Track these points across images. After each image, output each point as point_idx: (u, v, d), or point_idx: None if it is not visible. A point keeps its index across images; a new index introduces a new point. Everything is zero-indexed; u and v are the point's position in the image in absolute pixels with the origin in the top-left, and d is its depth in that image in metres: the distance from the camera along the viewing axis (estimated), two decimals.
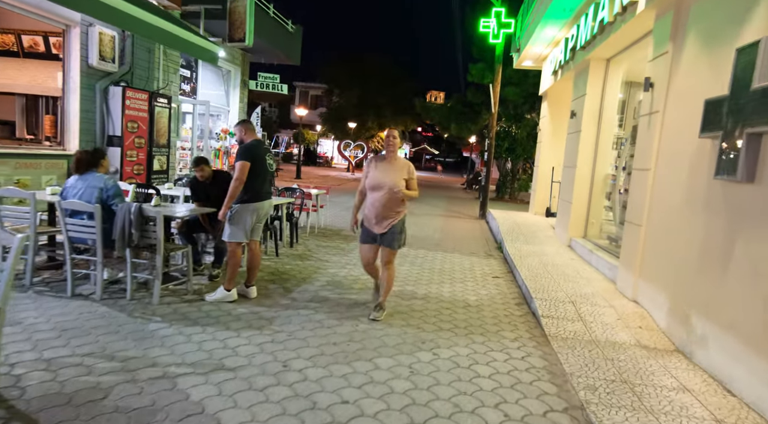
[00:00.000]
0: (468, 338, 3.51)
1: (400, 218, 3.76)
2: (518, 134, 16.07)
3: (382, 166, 3.74)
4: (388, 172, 3.69)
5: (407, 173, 3.73)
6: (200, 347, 2.94)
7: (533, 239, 7.57)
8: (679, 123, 3.98)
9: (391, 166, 3.74)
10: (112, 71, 6.85)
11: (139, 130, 7.08)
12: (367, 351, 3.12)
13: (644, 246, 4.39)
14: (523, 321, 4.03)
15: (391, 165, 3.74)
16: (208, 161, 4.60)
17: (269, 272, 4.91)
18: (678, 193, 3.84)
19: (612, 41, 5.93)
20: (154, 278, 3.58)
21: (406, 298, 4.41)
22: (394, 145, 3.76)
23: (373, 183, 3.69)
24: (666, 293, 3.86)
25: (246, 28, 7.72)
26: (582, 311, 4.15)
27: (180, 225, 4.48)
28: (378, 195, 3.67)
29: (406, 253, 6.48)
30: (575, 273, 5.48)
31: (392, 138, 3.75)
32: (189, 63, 9.46)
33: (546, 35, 8.46)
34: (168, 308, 3.58)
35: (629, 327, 3.87)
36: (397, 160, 3.77)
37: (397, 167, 3.73)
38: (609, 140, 6.94)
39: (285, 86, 12.05)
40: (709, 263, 3.28)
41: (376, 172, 3.72)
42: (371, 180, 3.71)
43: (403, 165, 3.76)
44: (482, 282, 5.25)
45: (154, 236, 3.52)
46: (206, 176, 4.50)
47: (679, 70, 4.09)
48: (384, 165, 3.75)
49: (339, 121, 31.09)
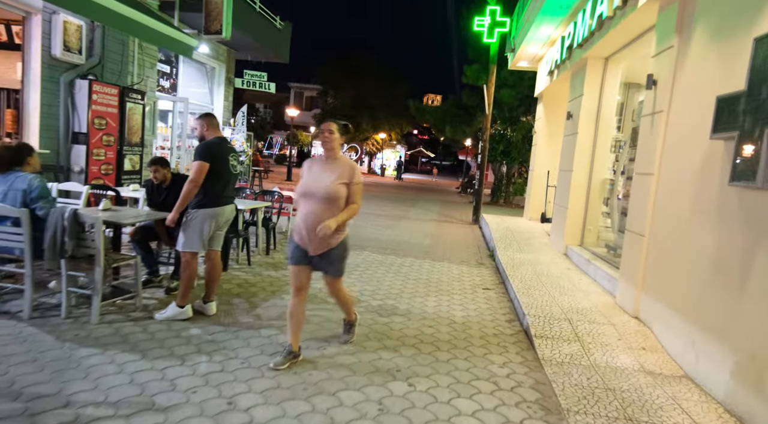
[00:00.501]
0: (450, 365, 3.09)
1: (339, 240, 2.94)
2: (513, 137, 15.73)
3: (317, 169, 2.95)
4: (323, 177, 2.88)
5: (348, 177, 2.91)
6: (132, 380, 2.49)
7: (527, 247, 7.17)
8: (687, 123, 3.59)
9: (327, 168, 2.93)
10: (78, 63, 6.41)
11: (107, 127, 6.63)
12: (332, 382, 2.70)
13: (647, 258, 4.00)
14: (513, 341, 3.61)
15: (328, 167, 2.94)
16: (165, 162, 4.16)
17: (237, 284, 4.47)
18: (686, 200, 3.45)
19: (611, 38, 5.56)
20: (93, 294, 3.13)
21: (386, 314, 3.99)
22: (331, 141, 2.94)
23: (303, 190, 2.90)
24: (672, 311, 3.46)
25: (223, 20, 7.30)
26: (579, 330, 3.74)
27: (133, 232, 4.05)
28: (310, 206, 2.86)
29: (391, 262, 6.06)
30: (571, 285, 5.07)
31: (328, 133, 2.93)
32: (168, 58, 9.02)
33: (541, 34, 8.10)
34: (108, 328, 3.14)
35: (632, 348, 3.47)
36: (338, 161, 2.97)
37: (334, 170, 2.91)
38: (607, 143, 6.56)
39: (273, 85, 11.61)
40: (724, 278, 2.88)
41: (309, 177, 2.94)
42: (301, 186, 2.92)
43: (344, 167, 2.93)
44: (471, 295, 4.84)
45: (93, 245, 3.08)
46: (162, 179, 4.07)
47: (686, 65, 3.70)
48: (319, 167, 2.95)
49: None
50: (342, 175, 2.90)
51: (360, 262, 5.87)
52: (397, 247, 7.12)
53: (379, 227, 9.02)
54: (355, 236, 7.65)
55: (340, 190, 2.88)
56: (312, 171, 2.98)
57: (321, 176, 2.91)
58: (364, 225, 9.08)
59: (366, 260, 6.04)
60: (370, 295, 4.49)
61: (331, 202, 2.86)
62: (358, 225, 8.96)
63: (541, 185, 10.16)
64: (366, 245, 7.00)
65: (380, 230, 8.65)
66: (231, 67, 11.00)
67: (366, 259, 6.08)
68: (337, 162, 2.96)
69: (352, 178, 2.93)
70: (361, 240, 7.39)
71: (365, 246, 6.93)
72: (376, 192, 18.60)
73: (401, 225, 9.66)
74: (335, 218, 2.82)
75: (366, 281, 4.97)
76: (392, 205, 13.90)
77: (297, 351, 2.90)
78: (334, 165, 2.95)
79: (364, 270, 5.47)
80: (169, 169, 4.15)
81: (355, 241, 7.24)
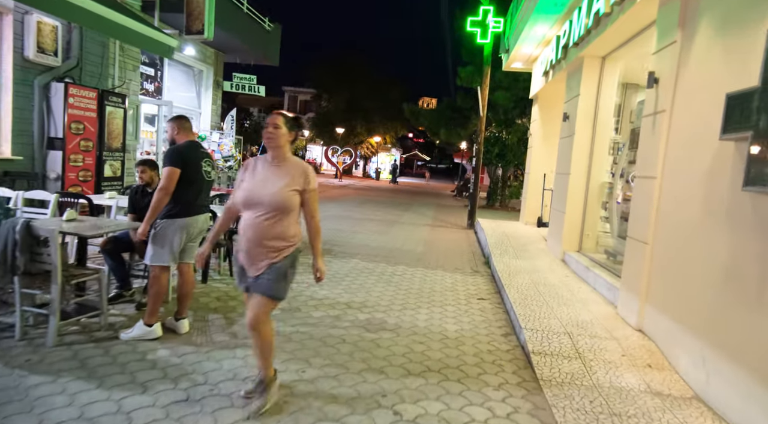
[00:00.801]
0: (441, 388, 2.83)
1: (284, 255, 2.36)
2: (509, 140, 15.56)
3: (262, 173, 2.40)
4: (270, 182, 2.35)
5: (301, 183, 2.37)
6: (81, 414, 2.22)
7: (524, 253, 6.93)
8: (692, 123, 3.36)
9: (275, 172, 2.38)
10: (54, 65, 6.14)
11: (85, 131, 6.35)
12: (309, 412, 2.43)
13: (651, 267, 3.76)
14: (510, 359, 3.36)
15: (276, 171, 2.38)
16: (153, 164, 3.92)
17: (215, 297, 4.20)
18: (693, 205, 3.22)
19: (608, 36, 5.36)
20: (50, 314, 2.86)
21: (373, 329, 3.73)
22: (276, 138, 2.36)
23: (245, 198, 2.36)
24: (680, 325, 3.22)
25: (205, 19, 7.05)
26: (580, 345, 3.49)
27: (104, 242, 3.77)
28: (252, 217, 2.33)
29: (382, 270, 5.80)
30: (570, 294, 4.83)
31: (272, 128, 2.36)
32: (153, 60, 8.76)
33: (536, 33, 7.89)
34: (66, 351, 2.87)
35: (636, 366, 3.23)
36: (287, 162, 2.41)
37: (283, 174, 2.37)
38: (605, 145, 6.35)
39: (262, 88, 11.35)
40: (738, 290, 2.65)
41: (253, 181, 2.39)
42: (242, 193, 2.38)
43: (296, 171, 2.38)
44: (465, 306, 4.59)
45: (50, 260, 2.81)
46: (148, 180, 3.84)
47: (690, 61, 3.48)
48: (264, 171, 2.40)
49: (327, 127, 30.46)
50: (293, 181, 2.36)
51: (348, 271, 5.61)
52: (389, 254, 6.86)
53: (371, 233, 8.77)
54: (344, 243, 7.39)
55: (291, 199, 2.35)
56: (255, 174, 2.42)
57: (267, 181, 2.36)
58: (354, 231, 8.82)
59: (355, 268, 5.78)
60: (357, 308, 4.23)
61: (280, 213, 2.33)
62: (347, 231, 8.70)
63: (537, 189, 9.95)
64: (356, 252, 6.74)
65: (371, 236, 8.39)
66: (219, 70, 10.75)
67: (355, 267, 5.82)
68: (287, 164, 2.41)
69: (306, 185, 2.38)
70: (350, 247, 7.13)
71: (355, 253, 6.67)
72: (371, 196, 18.35)
73: (394, 230, 9.41)
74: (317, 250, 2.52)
75: (354, 292, 4.71)
76: (386, 209, 13.65)
77: (272, 376, 2.62)
78: (283, 168, 2.40)
79: (353, 280, 5.21)
80: (157, 172, 3.91)
81: (344, 248, 6.98)
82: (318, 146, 35.49)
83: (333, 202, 14.24)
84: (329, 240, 7.57)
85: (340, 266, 5.84)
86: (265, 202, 2.33)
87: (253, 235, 2.32)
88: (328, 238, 7.77)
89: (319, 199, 2.53)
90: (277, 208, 2.33)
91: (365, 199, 16.42)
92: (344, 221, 10.03)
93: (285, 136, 2.41)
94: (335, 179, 27.61)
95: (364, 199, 16.38)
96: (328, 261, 6.02)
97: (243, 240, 2.36)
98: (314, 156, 37.26)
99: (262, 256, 2.34)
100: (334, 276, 5.30)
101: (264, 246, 2.33)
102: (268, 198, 2.33)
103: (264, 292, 2.35)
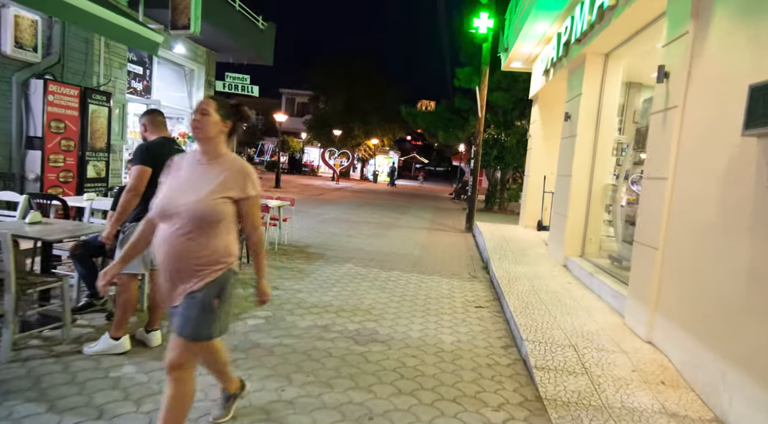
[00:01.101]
0: (435, 409, 2.56)
1: (207, 280, 1.82)
2: (507, 142, 15.33)
3: (187, 173, 1.89)
4: (193, 186, 1.83)
5: (236, 188, 1.85)
6: None
7: (523, 258, 6.67)
8: (708, 119, 3.11)
9: (203, 172, 1.86)
10: (33, 62, 5.87)
11: (66, 131, 6.08)
12: None
13: (662, 274, 3.50)
14: (510, 374, 3.09)
15: (205, 171, 1.87)
16: None
17: None
18: (710, 207, 2.96)
19: (612, 31, 5.12)
20: (3, 326, 2.58)
21: (363, 341, 3.45)
22: (205, 126, 1.84)
23: (162, 205, 1.84)
24: (695, 337, 2.96)
25: (191, 13, 6.79)
26: (586, 359, 3.23)
27: (74, 246, 3.50)
28: (168, 231, 1.81)
29: (375, 276, 5.53)
30: (573, 302, 4.57)
31: (200, 115, 1.86)
32: (141, 58, 8.50)
33: (536, 31, 7.66)
34: (20, 368, 2.59)
35: (648, 383, 2.96)
36: (219, 159, 1.88)
37: (213, 176, 1.85)
38: (608, 145, 6.10)
39: (256, 88, 11.10)
40: (763, 299, 2.39)
41: (173, 185, 1.88)
42: (160, 199, 1.87)
43: (230, 172, 1.86)
44: (462, 314, 4.32)
45: (2, 267, 2.54)
46: None
47: (705, 53, 3.24)
48: (191, 170, 1.89)
49: (324, 129, 30.23)
50: (224, 186, 1.83)
51: (341, 276, 5.34)
52: (384, 258, 6.59)
53: (366, 236, 8.50)
54: (338, 247, 7.12)
55: (217, 208, 1.79)
56: (179, 176, 1.89)
57: (190, 185, 1.83)
58: (350, 234, 8.55)
59: (348, 273, 5.51)
60: (347, 317, 3.96)
61: (203, 227, 1.78)
62: (342, 234, 8.43)
63: (537, 191, 9.70)
64: (350, 257, 6.47)
65: (367, 240, 8.12)
66: (211, 70, 10.50)
67: (348, 272, 5.55)
68: (219, 163, 1.87)
69: (243, 191, 1.86)
70: (344, 251, 6.86)
71: (349, 258, 6.40)
72: (368, 199, 18.09)
73: (391, 234, 9.14)
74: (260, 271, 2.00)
75: (345, 300, 4.44)
76: (383, 212, 13.38)
77: (238, 390, 2.30)
78: (214, 168, 1.86)
79: (345, 286, 4.94)
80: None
81: (338, 252, 6.71)
82: (315, 148, 35.25)
83: (329, 205, 13.98)
84: (323, 244, 7.30)
85: (333, 271, 5.57)
86: (182, 212, 1.77)
87: (169, 253, 1.79)
88: (321, 242, 7.50)
89: (313, 202, 2.17)
90: (199, 220, 1.77)
91: (362, 202, 16.16)
92: (339, 224, 9.76)
93: (217, 125, 1.86)
94: (332, 182, 27.36)
95: (361, 202, 16.12)
96: (321, 266, 5.75)
97: (162, 259, 1.83)
98: (312, 158, 37.01)
99: (180, 280, 1.81)
100: (326, 282, 5.03)
101: (182, 269, 1.80)
102: (186, 207, 1.77)
103: (179, 331, 1.81)
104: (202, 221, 1.78)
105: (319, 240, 7.60)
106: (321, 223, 9.75)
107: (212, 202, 1.80)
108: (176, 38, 8.62)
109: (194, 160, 1.91)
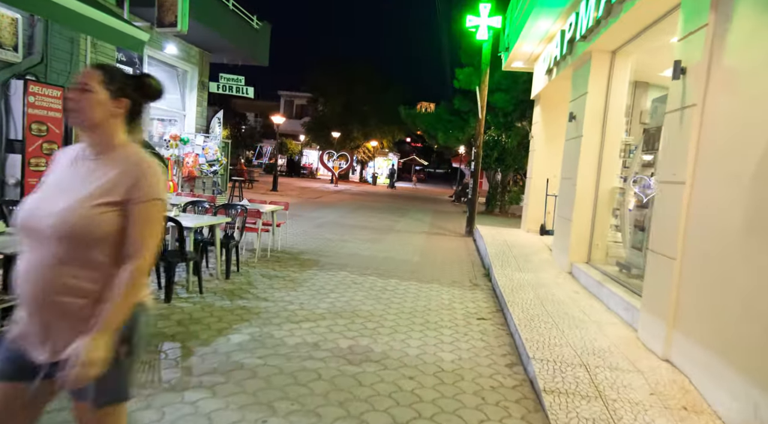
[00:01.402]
0: None
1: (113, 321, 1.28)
2: (508, 143, 15.08)
3: (67, 172, 1.36)
4: (68, 189, 1.31)
5: (122, 191, 1.30)
6: None
7: (527, 265, 6.39)
8: (733, 117, 2.85)
9: (89, 169, 1.34)
10: (14, 61, 5.61)
11: (49, 133, 5.81)
12: None
13: (680, 286, 3.22)
14: (517, 399, 2.81)
15: (90, 168, 1.34)
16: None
17: (176, 320, 3.65)
18: (736, 213, 2.69)
19: (620, 26, 4.85)
20: None
21: (356, 361, 3.17)
22: (88, 108, 1.29)
23: (24, 217, 1.30)
24: (721, 358, 2.68)
25: (178, 11, 6.54)
26: (599, 381, 2.95)
27: None
28: (33, 255, 1.29)
29: (371, 285, 5.25)
30: (582, 314, 4.29)
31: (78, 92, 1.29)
32: (131, 59, 8.23)
33: (539, 29, 7.41)
34: None
35: (669, 409, 2.68)
36: (113, 153, 1.34)
37: (98, 175, 1.32)
38: (615, 147, 5.83)
39: (251, 89, 10.84)
40: None
41: (45, 188, 1.37)
42: (22, 209, 1.32)
43: (120, 168, 1.32)
44: (464, 328, 4.04)
45: None
46: None
47: (727, 46, 2.97)
48: (72, 168, 1.36)
49: (322, 131, 29.99)
50: (108, 187, 1.30)
51: (335, 285, 5.06)
52: (381, 265, 6.32)
53: (363, 241, 8.22)
54: (333, 253, 6.84)
55: (95, 221, 1.26)
56: (55, 176, 1.37)
57: (65, 188, 1.31)
58: (346, 239, 8.27)
59: (343, 282, 5.23)
60: (339, 332, 3.68)
61: (79, 248, 1.26)
62: (338, 239, 8.15)
63: (539, 195, 9.43)
64: (345, 264, 6.19)
65: (364, 245, 7.85)
66: (205, 71, 10.24)
67: (343, 281, 5.27)
68: (112, 158, 1.34)
69: (129, 190, 1.30)
70: (340, 257, 6.58)
71: (344, 265, 6.12)
72: (366, 202, 17.82)
73: (389, 238, 8.87)
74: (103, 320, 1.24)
75: (338, 312, 4.16)
76: (381, 215, 13.11)
77: None
78: (102, 165, 1.33)
79: (339, 296, 4.66)
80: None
81: (333, 259, 6.43)
82: (314, 151, 34.98)
83: (327, 208, 13.71)
84: (318, 250, 7.02)
85: (327, 279, 5.30)
86: (44, 227, 1.25)
87: (45, 282, 1.26)
88: (316, 247, 7.22)
89: (310, 206, 1.76)
90: (67, 238, 1.24)
91: (361, 205, 15.89)
92: (336, 229, 9.49)
93: (103, 105, 1.30)
94: (331, 185, 27.09)
95: (360, 205, 15.85)
96: (314, 274, 5.48)
97: (25, 296, 1.29)
98: (310, 161, 36.76)
99: (58, 328, 1.27)
100: (319, 292, 4.75)
101: (57, 311, 1.27)
102: (51, 220, 1.24)
103: (94, 401, 1.28)
104: (75, 240, 1.24)
105: (314, 246, 7.33)
106: (317, 227, 9.47)
107: (87, 213, 1.25)
108: (167, 38, 8.37)
109: (77, 155, 1.37)
